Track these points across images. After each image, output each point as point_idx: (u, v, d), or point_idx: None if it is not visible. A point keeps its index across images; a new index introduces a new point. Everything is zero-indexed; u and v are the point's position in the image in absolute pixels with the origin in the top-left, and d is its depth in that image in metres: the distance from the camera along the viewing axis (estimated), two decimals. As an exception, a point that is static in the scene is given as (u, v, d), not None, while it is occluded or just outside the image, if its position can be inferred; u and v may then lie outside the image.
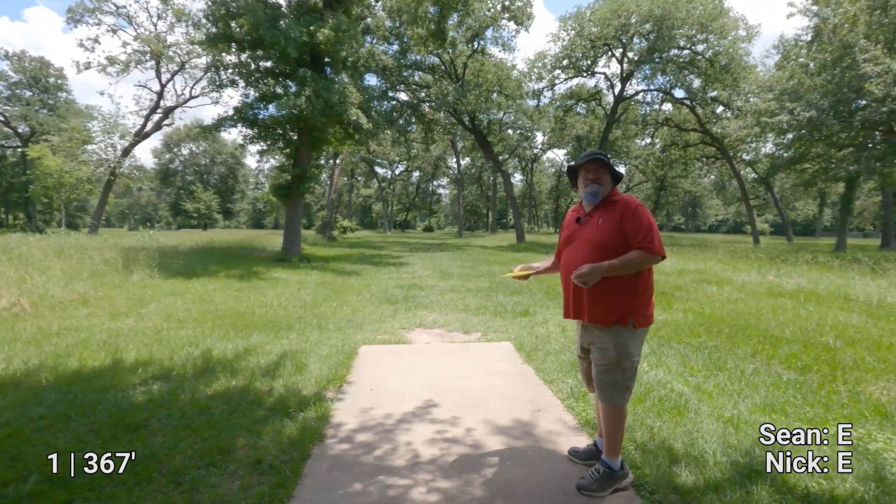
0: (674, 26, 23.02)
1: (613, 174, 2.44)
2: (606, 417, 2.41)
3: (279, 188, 15.07)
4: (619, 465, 2.40)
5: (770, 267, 11.96)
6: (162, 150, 61.20)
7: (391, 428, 3.13)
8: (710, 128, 29.33)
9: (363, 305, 7.39)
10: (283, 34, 12.95)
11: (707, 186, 60.03)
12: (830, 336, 5.24)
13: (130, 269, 9.22)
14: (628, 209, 2.30)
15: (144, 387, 3.68)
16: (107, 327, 5.50)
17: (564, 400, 3.56)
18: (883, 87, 12.52)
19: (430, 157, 57.74)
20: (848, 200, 27.76)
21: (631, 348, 2.33)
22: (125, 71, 25.34)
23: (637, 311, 2.31)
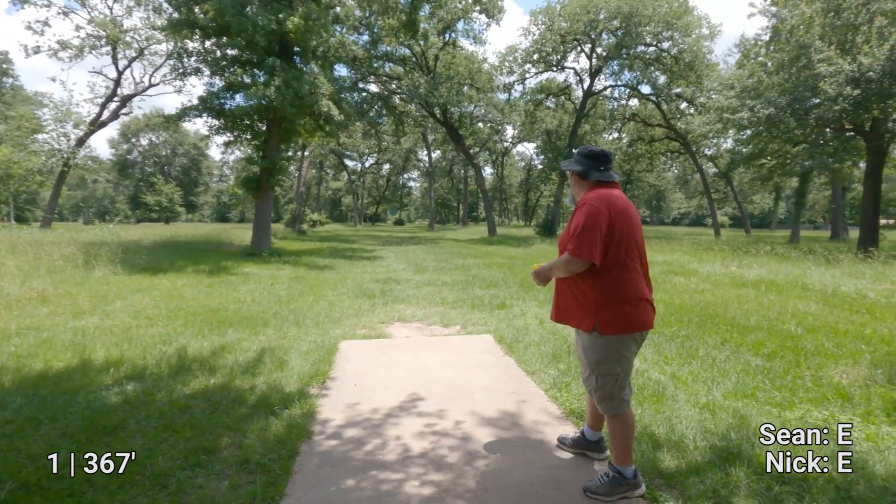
0: (640, 23, 23.50)
1: (581, 174, 2.39)
2: (607, 424, 2.38)
3: (248, 181, 14.66)
4: (631, 473, 2.28)
5: (732, 258, 12.47)
6: (119, 141, 58.43)
7: (379, 422, 3.12)
8: (675, 123, 30.22)
9: (340, 300, 7.31)
10: (250, 21, 12.54)
11: (671, 180, 61.91)
12: (792, 324, 5.52)
13: (91, 265, 8.81)
14: (578, 211, 2.26)
15: (118, 387, 3.54)
16: (71, 326, 5.25)
17: (548, 390, 3.63)
18: (836, 86, 13.15)
19: (401, 150, 57.33)
20: (801, 194, 29.22)
21: (598, 357, 2.26)
22: (78, 56, 23.96)
23: (601, 317, 2.20)
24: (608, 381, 2.27)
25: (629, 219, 2.27)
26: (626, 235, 2.23)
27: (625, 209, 2.27)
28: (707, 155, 33.34)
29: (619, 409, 2.30)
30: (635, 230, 2.30)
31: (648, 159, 37.84)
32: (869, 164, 15.80)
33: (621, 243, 2.22)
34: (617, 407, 2.30)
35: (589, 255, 2.15)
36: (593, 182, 2.35)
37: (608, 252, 2.20)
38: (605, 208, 2.19)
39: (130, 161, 58.86)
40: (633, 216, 2.30)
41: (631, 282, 2.22)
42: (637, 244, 2.31)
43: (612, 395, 2.29)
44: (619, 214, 2.23)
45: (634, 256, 2.28)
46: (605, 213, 2.19)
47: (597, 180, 2.35)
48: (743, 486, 2.32)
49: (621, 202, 2.28)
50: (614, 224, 2.20)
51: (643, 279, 2.31)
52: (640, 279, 2.28)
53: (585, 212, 2.19)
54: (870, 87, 12.99)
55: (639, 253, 2.31)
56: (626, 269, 2.22)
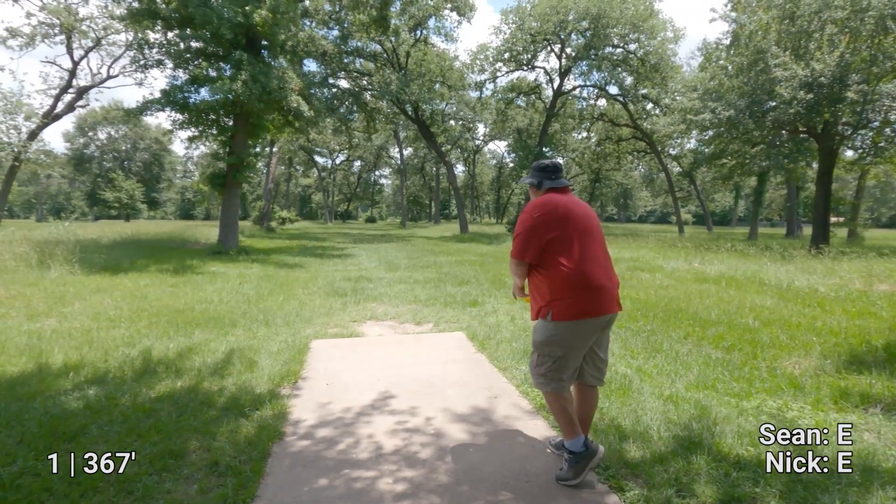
0: (608, 25, 23.99)
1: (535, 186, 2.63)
2: (546, 402, 2.59)
3: (214, 177, 14.27)
4: (580, 445, 2.42)
5: (695, 255, 12.92)
6: (75, 134, 55.66)
7: (351, 421, 3.11)
8: (641, 124, 31.01)
9: (311, 299, 7.22)
10: (215, 13, 12.18)
11: (637, 179, 63.51)
12: (750, 317, 5.78)
13: (47, 265, 8.41)
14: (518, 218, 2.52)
15: (78, 392, 3.42)
16: (25, 329, 5.02)
17: (519, 386, 3.70)
18: (790, 90, 13.77)
19: (372, 147, 56.83)
20: (759, 193, 30.46)
21: (544, 339, 2.45)
22: (29, 45, 22.69)
23: (555, 306, 2.39)
24: (546, 360, 2.46)
25: (574, 217, 2.45)
26: (570, 233, 2.41)
27: (567, 209, 2.45)
28: (672, 154, 34.35)
29: (550, 387, 2.47)
30: (585, 226, 2.47)
31: (616, 158, 38.72)
32: (821, 165, 16.61)
33: (565, 240, 2.40)
34: (547, 384, 2.48)
35: (521, 256, 2.45)
36: (546, 190, 2.58)
37: (550, 249, 2.40)
38: (538, 213, 2.43)
39: (87, 156, 56.21)
40: (579, 214, 2.48)
41: (580, 273, 2.38)
42: (589, 238, 2.47)
43: (547, 374, 2.47)
44: (560, 215, 2.43)
45: (586, 249, 2.44)
46: (538, 216, 2.42)
47: (549, 188, 2.57)
48: (703, 473, 2.44)
49: (563, 203, 2.46)
50: (553, 224, 2.40)
51: (598, 269, 2.45)
52: (594, 269, 2.43)
53: (519, 218, 2.51)
54: (821, 91, 13.66)
55: (592, 245, 2.48)
56: (575, 262, 2.39)
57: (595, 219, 2.58)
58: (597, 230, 2.54)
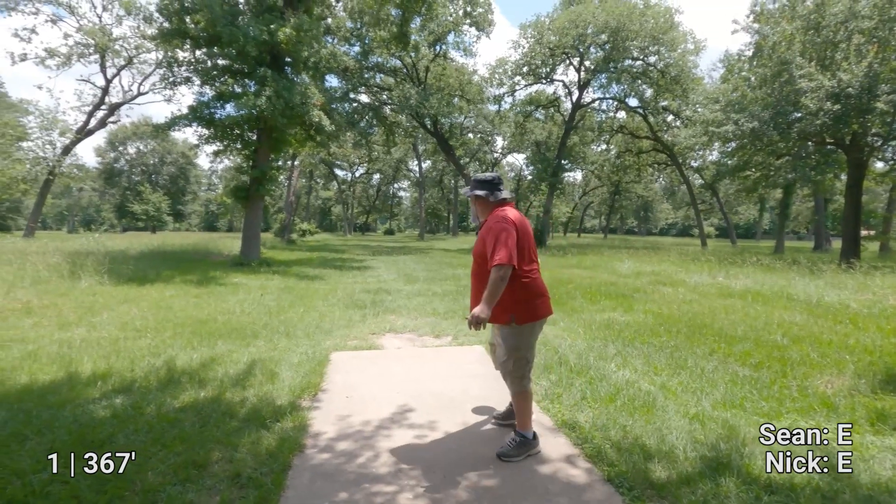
0: (628, 38, 23.94)
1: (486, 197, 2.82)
2: (513, 399, 2.90)
3: (238, 190, 14.59)
4: (531, 435, 2.83)
5: (719, 269, 12.64)
6: (106, 149, 57.78)
7: (371, 435, 3.11)
8: (662, 136, 30.71)
9: (330, 311, 7.28)
10: (241, 32, 12.57)
11: (658, 191, 62.71)
12: (778, 334, 5.61)
13: (77, 276, 8.68)
14: (493, 228, 2.67)
15: (105, 401, 3.49)
16: (56, 338, 5.17)
17: (539, 402, 3.65)
18: (816, 101, 13.50)
19: (392, 160, 57.44)
20: (785, 206, 29.79)
21: (516, 344, 2.73)
22: (66, 64, 23.79)
23: (518, 311, 2.66)
24: (521, 363, 2.77)
25: (527, 229, 2.78)
26: (526, 243, 2.73)
27: (522, 221, 2.77)
28: (693, 167, 33.86)
29: (525, 386, 2.81)
30: (531, 238, 2.81)
31: (636, 171, 38.33)
32: (850, 177, 16.16)
33: (524, 250, 2.71)
34: (526, 384, 2.81)
35: (511, 261, 2.57)
36: (498, 202, 2.82)
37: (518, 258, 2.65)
38: (510, 223, 2.66)
39: (117, 169, 58.22)
40: (528, 226, 2.82)
41: (535, 281, 2.74)
42: (533, 249, 2.81)
43: (523, 375, 2.79)
44: (521, 226, 2.72)
45: (534, 260, 2.81)
46: (512, 226, 2.66)
47: (500, 199, 2.81)
48: (733, 495, 2.36)
49: (519, 216, 2.77)
50: (519, 235, 2.68)
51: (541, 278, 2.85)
52: (541, 278, 2.84)
53: (502, 226, 2.64)
54: (849, 102, 13.35)
55: (535, 256, 2.83)
56: (535, 272, 2.77)
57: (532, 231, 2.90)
58: (534, 243, 2.86)
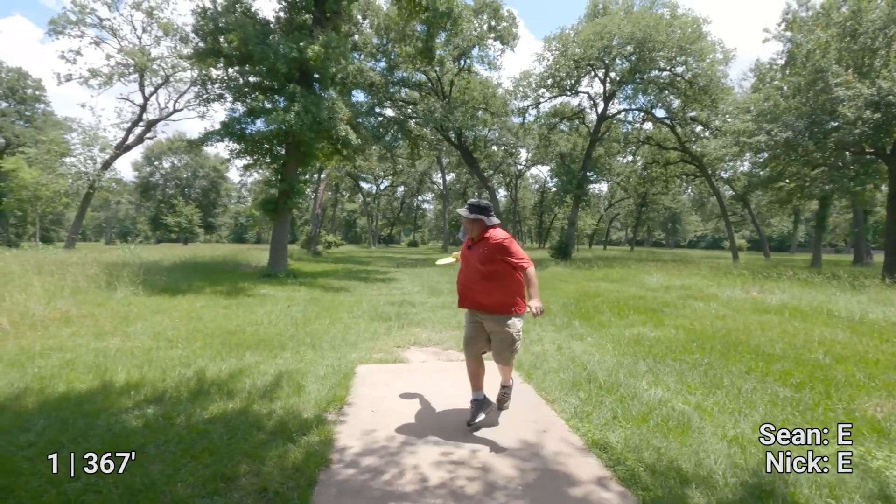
0: (654, 48, 23.69)
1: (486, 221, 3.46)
2: (507, 371, 3.67)
3: (267, 203, 14.91)
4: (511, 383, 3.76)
5: (753, 283, 12.22)
6: (142, 163, 60.20)
7: (396, 451, 3.07)
8: (690, 146, 30.10)
9: (356, 323, 7.31)
10: (272, 50, 12.95)
11: (686, 203, 61.31)
12: (820, 352, 5.36)
13: (113, 286, 8.97)
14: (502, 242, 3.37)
15: (138, 410, 3.56)
16: (93, 347, 5.32)
17: (569, 420, 3.56)
18: (855, 109, 13.04)
19: (416, 173, 57.95)
20: (822, 218, 28.70)
21: (518, 328, 3.50)
22: (108, 84, 24.95)
23: (517, 305, 3.43)
24: (519, 343, 3.53)
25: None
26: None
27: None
28: (724, 177, 33.04)
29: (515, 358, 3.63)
30: None
31: (664, 182, 37.62)
32: (891, 188, 15.46)
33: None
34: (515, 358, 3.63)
35: (531, 264, 3.40)
36: (491, 225, 3.45)
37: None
38: (514, 239, 3.41)
39: (153, 183, 60.48)
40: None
41: (520, 282, 3.45)
42: None
43: (517, 350, 3.57)
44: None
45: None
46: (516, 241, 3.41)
47: (493, 224, 3.46)
48: (777, 526, 2.23)
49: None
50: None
51: None
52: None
53: (511, 241, 3.39)
54: (890, 110, 12.85)
55: None
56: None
57: None
58: None
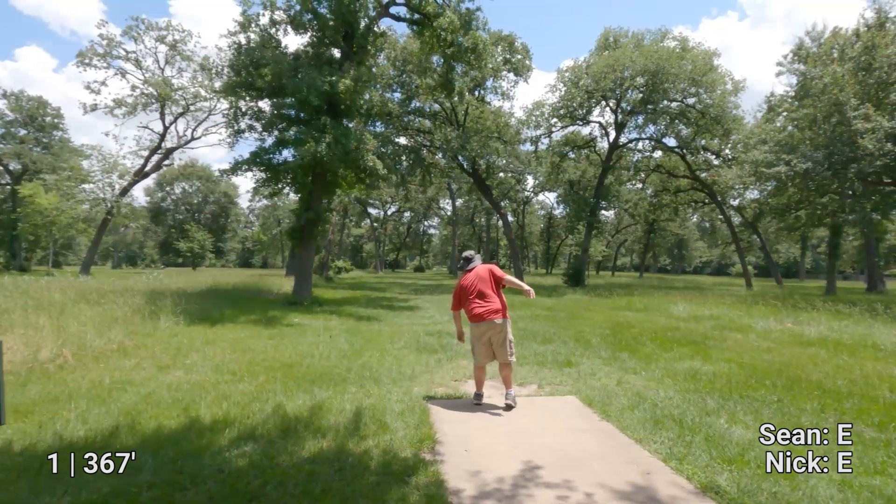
0: (666, 80, 24.26)
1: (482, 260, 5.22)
2: (508, 370, 4.95)
3: (293, 231, 15.11)
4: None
5: (784, 313, 12.22)
6: (155, 189, 61.03)
7: (511, 494, 3.09)
8: (700, 174, 30.47)
9: (404, 355, 7.34)
10: (304, 83, 13.35)
11: (693, 229, 61.59)
12: (885, 389, 5.36)
13: (156, 315, 9.04)
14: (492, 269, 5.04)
15: (236, 449, 3.59)
16: (162, 381, 5.36)
17: (667, 461, 3.56)
18: (875, 142, 13.30)
19: (424, 199, 58.51)
20: (835, 245, 28.74)
21: (509, 330, 4.93)
22: (132, 113, 25.58)
23: (506, 311, 4.89)
24: (513, 343, 4.97)
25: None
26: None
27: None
28: (733, 205, 33.31)
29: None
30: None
31: (673, 209, 37.93)
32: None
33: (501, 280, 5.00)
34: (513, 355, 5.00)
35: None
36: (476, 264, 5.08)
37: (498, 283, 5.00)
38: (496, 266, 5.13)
39: (164, 208, 61.11)
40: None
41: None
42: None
43: (513, 350, 4.98)
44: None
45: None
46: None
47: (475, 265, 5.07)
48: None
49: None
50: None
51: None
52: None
53: (497, 268, 5.07)
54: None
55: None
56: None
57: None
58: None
